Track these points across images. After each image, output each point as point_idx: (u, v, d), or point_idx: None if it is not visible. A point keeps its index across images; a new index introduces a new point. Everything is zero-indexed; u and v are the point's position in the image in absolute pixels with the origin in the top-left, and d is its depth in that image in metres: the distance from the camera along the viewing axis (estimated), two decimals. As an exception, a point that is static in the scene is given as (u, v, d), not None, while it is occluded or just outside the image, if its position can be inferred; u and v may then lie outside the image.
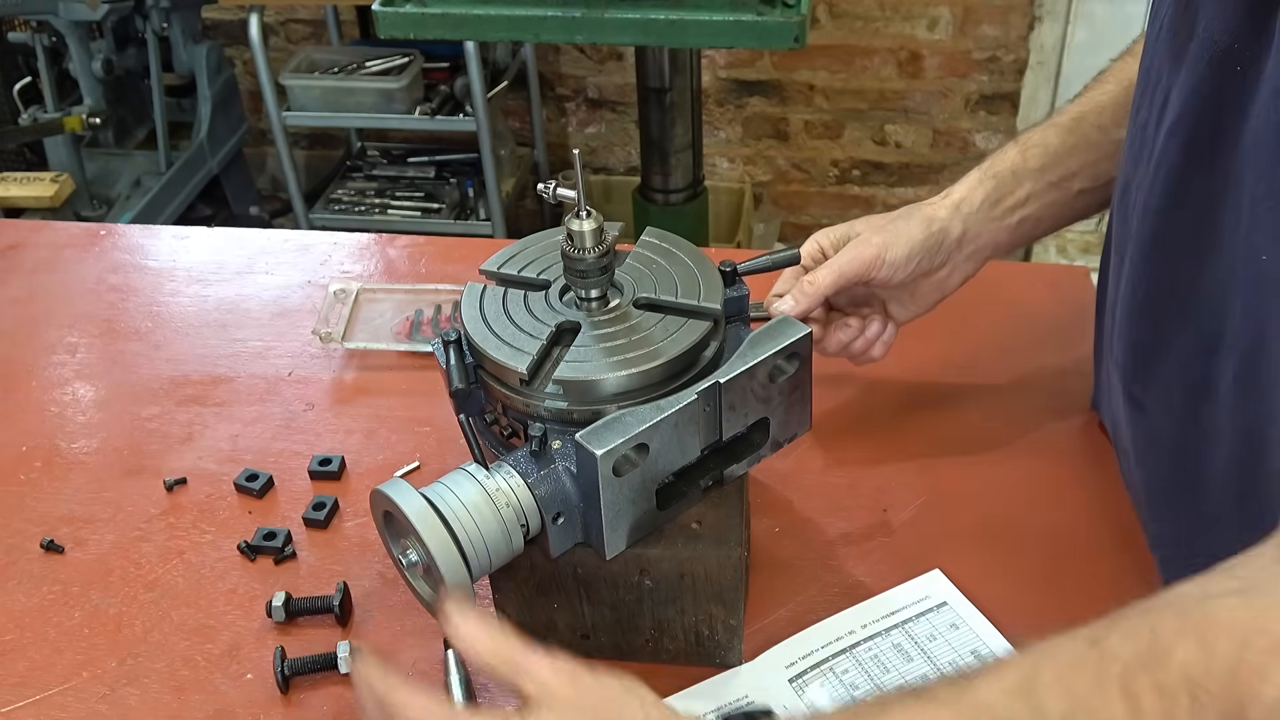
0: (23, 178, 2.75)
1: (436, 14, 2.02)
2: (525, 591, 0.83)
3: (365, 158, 3.26)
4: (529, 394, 0.79)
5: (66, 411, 1.12)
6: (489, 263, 0.89)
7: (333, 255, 1.33)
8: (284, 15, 3.25)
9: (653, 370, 0.78)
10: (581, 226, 0.80)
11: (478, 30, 2.05)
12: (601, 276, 0.82)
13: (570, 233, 0.80)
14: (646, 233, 0.89)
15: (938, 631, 0.85)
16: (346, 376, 1.14)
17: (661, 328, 0.80)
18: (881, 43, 2.99)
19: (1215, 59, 0.73)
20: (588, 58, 3.18)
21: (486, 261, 0.89)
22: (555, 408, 0.78)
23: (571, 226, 0.80)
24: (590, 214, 0.80)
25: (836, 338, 0.99)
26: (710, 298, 0.82)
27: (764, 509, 0.96)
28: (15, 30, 2.85)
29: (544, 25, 1.99)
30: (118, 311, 1.26)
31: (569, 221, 0.80)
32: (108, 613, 0.92)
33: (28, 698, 0.86)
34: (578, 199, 0.80)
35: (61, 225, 1.48)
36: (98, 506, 1.01)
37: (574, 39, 2.24)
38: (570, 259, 0.81)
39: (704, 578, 0.81)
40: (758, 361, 0.79)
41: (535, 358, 0.79)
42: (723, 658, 0.85)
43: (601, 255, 0.81)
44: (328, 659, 0.86)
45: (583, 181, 0.79)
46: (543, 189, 0.83)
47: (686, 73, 2.34)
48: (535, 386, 0.79)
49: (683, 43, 2.08)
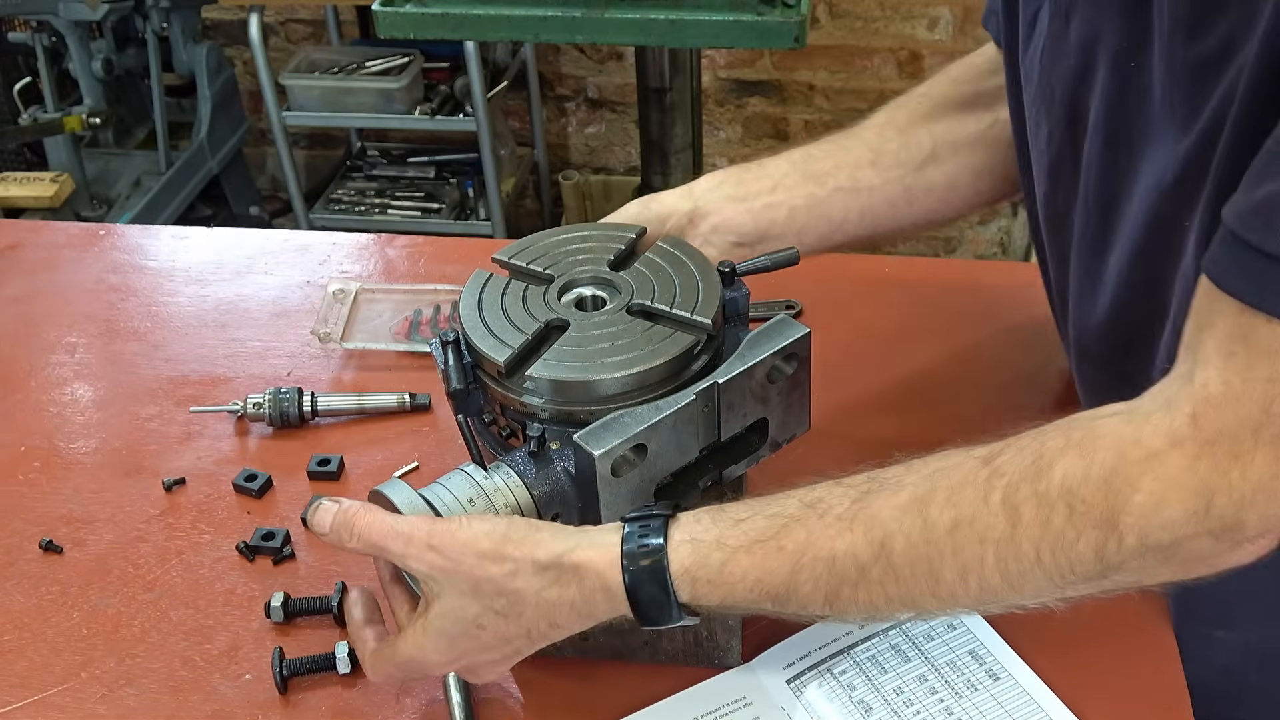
0: (23, 178, 2.75)
1: (436, 14, 2.02)
2: (523, 592, 0.83)
3: (365, 158, 3.25)
4: (508, 387, 0.79)
5: (65, 411, 1.12)
6: (504, 251, 0.89)
7: (332, 255, 1.33)
8: (284, 15, 3.25)
9: (626, 378, 0.78)
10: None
11: (478, 30, 2.05)
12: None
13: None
14: (662, 240, 0.89)
15: (935, 632, 0.85)
16: (345, 376, 1.14)
17: (646, 337, 0.80)
18: (881, 43, 2.99)
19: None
20: (588, 58, 3.18)
21: (503, 249, 0.89)
22: (536, 405, 0.78)
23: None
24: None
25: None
26: (704, 311, 0.82)
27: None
28: (15, 30, 2.85)
29: (544, 25, 1.99)
30: (117, 311, 1.26)
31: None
32: (106, 613, 0.92)
33: (26, 698, 0.86)
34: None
35: (60, 225, 1.48)
36: (96, 507, 1.01)
37: (574, 39, 2.24)
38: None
39: None
40: (756, 362, 0.79)
41: (517, 352, 0.79)
42: (721, 659, 0.85)
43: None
44: (326, 659, 0.86)
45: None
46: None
47: (686, 73, 2.34)
48: (514, 380, 0.79)
49: (683, 43, 2.08)
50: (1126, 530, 0.63)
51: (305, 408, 1.07)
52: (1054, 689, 0.81)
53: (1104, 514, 0.64)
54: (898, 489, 0.70)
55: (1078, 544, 0.65)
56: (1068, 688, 0.81)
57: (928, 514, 0.68)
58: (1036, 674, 0.82)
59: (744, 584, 0.71)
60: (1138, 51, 0.73)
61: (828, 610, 0.71)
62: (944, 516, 0.67)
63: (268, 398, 1.07)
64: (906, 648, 0.84)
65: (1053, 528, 0.65)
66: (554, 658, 0.86)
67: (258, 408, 1.07)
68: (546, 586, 0.72)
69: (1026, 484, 0.66)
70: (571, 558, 0.72)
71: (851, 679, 0.83)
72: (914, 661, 0.84)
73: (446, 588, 0.73)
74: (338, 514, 0.76)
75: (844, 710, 0.81)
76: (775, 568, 0.70)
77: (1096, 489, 0.64)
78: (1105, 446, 0.65)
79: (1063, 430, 0.67)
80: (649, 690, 0.84)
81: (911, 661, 0.84)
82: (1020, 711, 0.80)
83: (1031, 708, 0.80)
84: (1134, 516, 0.63)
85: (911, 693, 0.81)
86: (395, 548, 0.74)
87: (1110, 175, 0.78)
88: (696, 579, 0.71)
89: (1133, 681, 0.82)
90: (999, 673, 0.82)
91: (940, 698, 0.81)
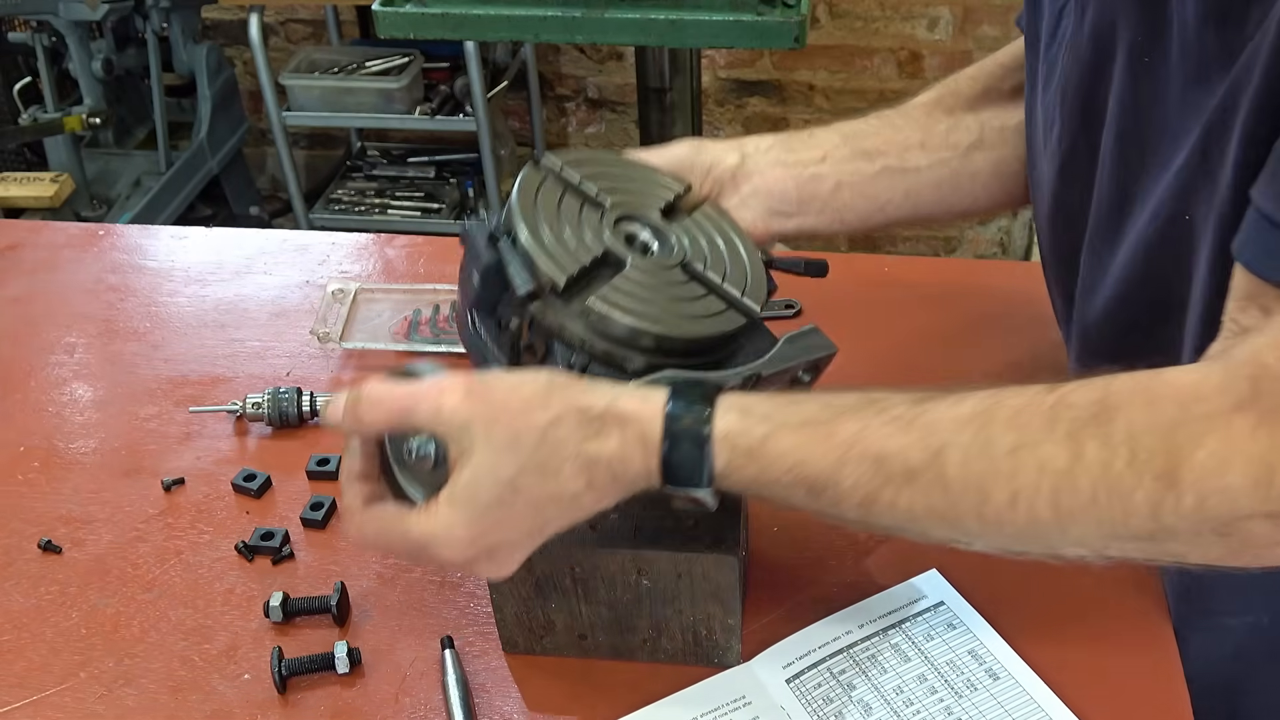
0: (23, 178, 2.75)
1: (436, 14, 2.02)
2: (523, 592, 0.83)
3: (365, 158, 3.25)
4: (552, 305, 0.75)
5: (64, 411, 1.12)
6: (551, 158, 0.84)
7: (331, 255, 1.32)
8: (284, 15, 3.25)
9: (686, 341, 0.75)
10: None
11: (478, 30, 2.05)
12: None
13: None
14: (709, 206, 0.87)
15: (935, 631, 0.85)
16: (345, 376, 1.14)
17: (704, 304, 0.78)
18: (881, 43, 2.99)
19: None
20: (588, 58, 3.18)
21: (551, 155, 0.84)
22: (577, 332, 0.75)
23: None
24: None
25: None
26: (754, 296, 0.80)
27: (762, 509, 0.96)
28: (15, 30, 2.85)
29: (544, 25, 1.99)
30: (116, 312, 1.26)
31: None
32: (105, 613, 0.92)
33: (25, 698, 0.86)
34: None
35: (60, 225, 1.48)
36: (95, 507, 1.01)
37: (574, 39, 2.24)
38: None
39: (702, 577, 0.80)
40: (791, 365, 0.78)
41: (576, 275, 0.76)
42: (721, 657, 0.85)
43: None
44: (325, 659, 0.86)
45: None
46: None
47: (686, 73, 2.34)
48: (563, 302, 0.75)
49: (683, 43, 2.07)
50: (1186, 488, 0.62)
51: (304, 408, 1.07)
52: (1054, 689, 0.81)
53: (1165, 466, 0.62)
54: (959, 402, 0.68)
55: (1135, 494, 0.63)
56: (1068, 687, 0.81)
57: (990, 430, 0.66)
58: (1036, 674, 0.82)
59: (782, 463, 0.68)
60: (1154, 45, 0.72)
61: (860, 512, 0.69)
62: (1006, 437, 0.65)
63: (267, 398, 1.07)
64: (906, 647, 0.84)
65: (1112, 470, 0.63)
66: (554, 657, 0.86)
67: (257, 408, 1.07)
68: (589, 438, 0.69)
69: (1092, 422, 0.64)
70: (616, 407, 0.69)
71: (851, 679, 0.83)
72: (914, 661, 0.83)
73: (481, 443, 0.68)
74: (349, 395, 0.71)
75: (844, 710, 0.81)
76: (820, 454, 0.68)
77: (1160, 439, 0.62)
78: (1170, 398, 0.63)
79: (1130, 377, 0.66)
80: (649, 690, 0.83)
81: (911, 661, 0.83)
82: (1020, 711, 0.80)
83: (1031, 707, 0.80)
84: (1195, 474, 0.62)
85: (911, 693, 0.81)
86: (426, 404, 0.69)
87: (1124, 169, 0.78)
88: (735, 447, 0.68)
89: (1133, 681, 0.82)
90: (999, 672, 0.82)
91: (940, 697, 0.81)
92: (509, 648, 0.86)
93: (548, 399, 0.69)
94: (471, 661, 0.86)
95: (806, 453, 0.68)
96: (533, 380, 0.70)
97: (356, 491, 0.75)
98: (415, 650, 0.87)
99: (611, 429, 0.69)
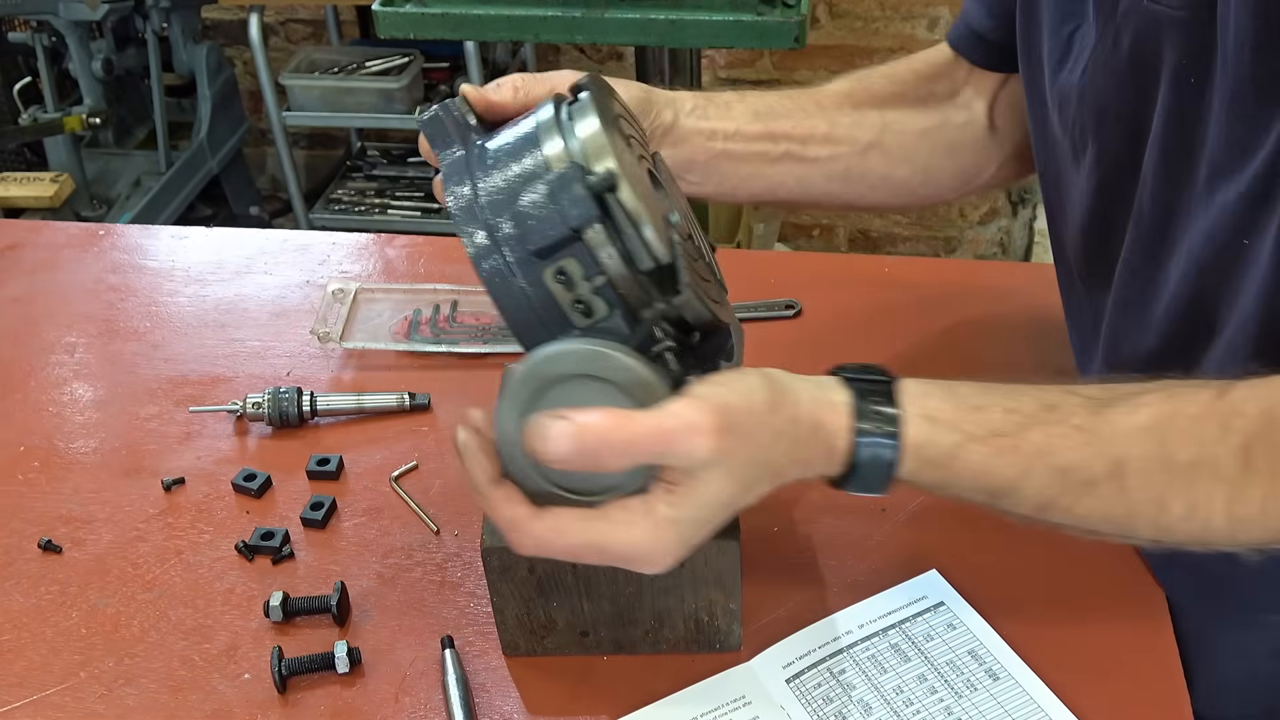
0: (23, 178, 2.75)
1: (436, 14, 2.02)
2: (525, 592, 0.83)
3: (365, 158, 3.25)
4: (644, 284, 0.68)
5: (65, 411, 1.12)
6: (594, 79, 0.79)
7: (331, 255, 1.33)
8: (284, 15, 3.25)
9: (711, 324, 0.72)
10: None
11: (478, 30, 2.05)
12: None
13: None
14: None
15: (935, 632, 0.85)
16: (345, 376, 1.14)
17: (714, 290, 0.77)
18: (881, 43, 2.99)
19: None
20: (588, 58, 3.18)
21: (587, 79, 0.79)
22: (640, 299, 0.67)
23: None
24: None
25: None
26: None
27: (762, 509, 0.95)
28: (15, 30, 2.85)
29: (544, 25, 1.99)
30: (116, 311, 1.26)
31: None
32: (105, 613, 0.92)
33: (25, 698, 0.86)
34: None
35: (60, 225, 1.48)
36: (96, 506, 1.01)
37: (574, 39, 2.24)
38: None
39: (703, 564, 0.80)
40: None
41: (672, 260, 0.68)
42: (723, 643, 0.85)
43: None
44: (325, 659, 0.86)
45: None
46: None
47: (686, 73, 2.34)
48: (650, 276, 0.68)
49: (683, 43, 2.07)
50: None
51: (305, 407, 1.07)
52: (1054, 689, 0.81)
53: None
54: (1135, 407, 0.68)
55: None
56: (1068, 687, 0.81)
57: (1169, 445, 0.67)
58: (1036, 674, 0.82)
59: (968, 472, 0.69)
60: (1199, 68, 0.72)
61: (1034, 513, 0.70)
62: (1185, 451, 0.67)
63: (267, 397, 1.07)
64: (906, 648, 0.84)
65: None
66: (554, 657, 0.86)
67: (257, 407, 1.07)
68: (796, 459, 0.69)
69: (1263, 431, 0.65)
70: (815, 416, 0.69)
71: (851, 679, 0.83)
72: (914, 661, 0.83)
73: (723, 478, 0.66)
74: (579, 435, 0.63)
75: (844, 710, 0.81)
76: (1006, 464, 0.68)
77: None
78: None
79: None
80: (648, 689, 0.83)
81: (911, 661, 0.83)
82: (1020, 711, 0.80)
83: (1031, 708, 0.80)
84: None
85: (911, 693, 0.81)
86: (680, 449, 0.64)
87: (1168, 187, 0.78)
88: (922, 457, 0.69)
89: (1133, 681, 0.82)
90: (999, 673, 0.82)
91: (940, 697, 0.81)
92: (510, 651, 0.86)
93: (773, 418, 0.67)
94: (471, 661, 0.86)
95: (993, 464, 0.69)
96: (761, 397, 0.67)
97: (506, 497, 0.69)
98: (415, 650, 0.87)
99: (810, 440, 0.70)
